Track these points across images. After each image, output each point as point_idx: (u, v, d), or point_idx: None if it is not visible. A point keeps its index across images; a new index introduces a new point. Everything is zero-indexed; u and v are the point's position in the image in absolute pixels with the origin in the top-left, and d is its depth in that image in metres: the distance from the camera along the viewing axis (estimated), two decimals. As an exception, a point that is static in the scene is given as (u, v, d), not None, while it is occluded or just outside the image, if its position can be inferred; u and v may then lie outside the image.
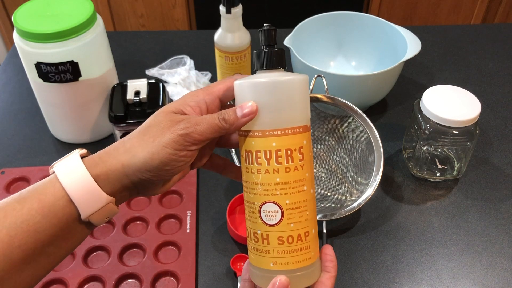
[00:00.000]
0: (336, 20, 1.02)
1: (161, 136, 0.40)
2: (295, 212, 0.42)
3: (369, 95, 0.92)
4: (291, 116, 0.41)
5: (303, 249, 0.42)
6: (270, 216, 0.42)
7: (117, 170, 0.41)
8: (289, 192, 0.41)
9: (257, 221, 0.43)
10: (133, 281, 0.70)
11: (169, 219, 0.78)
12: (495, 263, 0.73)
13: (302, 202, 0.42)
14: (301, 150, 0.41)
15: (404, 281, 0.71)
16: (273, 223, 0.42)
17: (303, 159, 0.42)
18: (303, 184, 0.42)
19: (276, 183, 0.41)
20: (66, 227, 0.41)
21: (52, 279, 0.70)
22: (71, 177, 0.40)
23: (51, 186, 0.40)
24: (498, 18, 2.07)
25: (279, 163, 0.41)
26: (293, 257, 0.42)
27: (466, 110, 0.77)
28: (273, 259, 0.42)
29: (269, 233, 0.42)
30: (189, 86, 1.01)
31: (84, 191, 0.40)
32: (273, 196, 0.41)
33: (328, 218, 0.75)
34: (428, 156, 0.83)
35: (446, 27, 1.25)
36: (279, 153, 0.41)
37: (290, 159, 0.41)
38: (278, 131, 0.41)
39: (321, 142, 0.83)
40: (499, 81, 1.07)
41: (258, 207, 0.42)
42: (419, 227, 0.78)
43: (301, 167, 0.42)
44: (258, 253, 0.43)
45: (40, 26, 0.76)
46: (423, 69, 1.10)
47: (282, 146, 0.41)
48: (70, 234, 0.41)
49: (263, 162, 0.41)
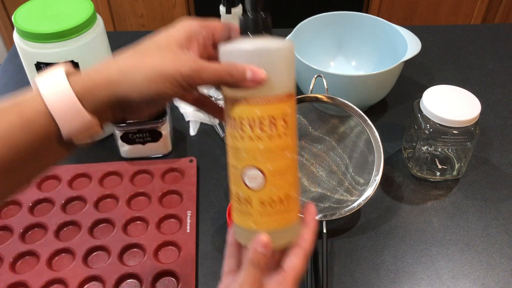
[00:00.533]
0: (336, 20, 1.02)
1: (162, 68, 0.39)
2: (277, 178, 0.43)
3: (369, 95, 0.92)
4: (275, 84, 0.41)
5: (284, 211, 0.44)
6: (253, 181, 0.43)
7: (105, 90, 0.39)
8: (272, 159, 0.42)
9: (240, 185, 0.44)
10: (133, 281, 0.70)
11: (169, 219, 0.78)
12: (495, 263, 0.73)
13: (284, 168, 0.43)
14: (286, 119, 0.42)
15: (404, 281, 0.71)
16: (256, 187, 0.43)
17: (287, 127, 0.42)
18: (286, 151, 0.43)
19: (260, 150, 0.42)
20: (46, 145, 0.39)
21: (52, 279, 0.70)
22: (53, 92, 0.38)
23: (32, 101, 0.38)
24: (498, 18, 2.07)
25: (262, 131, 0.41)
26: (275, 218, 0.44)
27: (466, 110, 0.77)
28: (255, 220, 0.44)
29: (251, 196, 0.43)
30: (189, 86, 1.01)
31: (66, 108, 0.38)
32: (256, 162, 0.42)
33: (328, 218, 0.75)
34: (428, 156, 0.83)
35: (446, 27, 1.26)
36: (263, 121, 0.41)
37: (274, 127, 0.41)
38: (263, 99, 0.41)
39: (321, 142, 0.83)
40: (499, 81, 1.07)
41: (241, 172, 0.43)
42: (419, 227, 0.78)
43: (284, 135, 0.42)
44: (241, 214, 0.45)
45: (40, 26, 0.76)
46: (423, 69, 1.11)
47: (266, 114, 0.41)
48: (50, 151, 0.40)
49: (247, 129, 0.41)
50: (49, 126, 0.38)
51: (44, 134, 0.38)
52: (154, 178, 0.84)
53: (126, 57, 0.41)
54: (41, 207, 0.81)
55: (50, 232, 0.76)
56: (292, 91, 0.43)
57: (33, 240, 0.75)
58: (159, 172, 0.85)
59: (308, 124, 0.83)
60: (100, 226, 0.78)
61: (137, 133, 0.84)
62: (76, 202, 0.81)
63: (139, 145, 0.86)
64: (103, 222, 0.78)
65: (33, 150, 0.38)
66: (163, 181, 0.84)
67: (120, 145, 0.87)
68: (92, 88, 0.39)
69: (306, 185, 0.81)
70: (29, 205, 0.79)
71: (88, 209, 0.79)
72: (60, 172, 0.85)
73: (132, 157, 0.88)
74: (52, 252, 0.73)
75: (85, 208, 0.79)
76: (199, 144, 0.93)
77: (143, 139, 0.86)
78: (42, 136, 0.38)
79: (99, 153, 0.90)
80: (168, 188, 0.82)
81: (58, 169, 0.85)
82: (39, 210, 0.80)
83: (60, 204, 0.80)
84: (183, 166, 0.86)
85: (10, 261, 0.72)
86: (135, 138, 0.85)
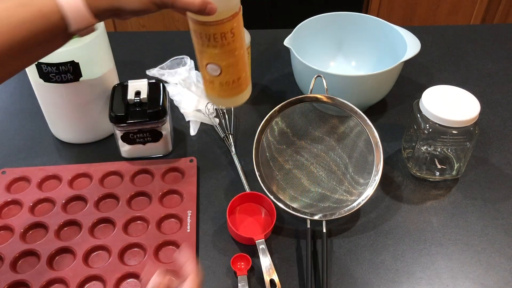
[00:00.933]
0: (336, 20, 1.02)
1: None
2: (229, 68, 0.61)
3: (369, 95, 0.92)
4: (223, 10, 0.56)
5: (236, 87, 0.64)
6: (213, 72, 0.61)
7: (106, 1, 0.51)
8: (224, 58, 0.60)
9: (205, 73, 0.63)
10: (134, 280, 0.71)
11: (169, 218, 0.79)
12: (494, 263, 0.74)
13: (234, 62, 0.61)
14: (232, 31, 0.58)
15: (403, 280, 0.72)
16: (216, 75, 0.62)
17: (233, 36, 0.58)
18: (234, 51, 0.60)
19: (215, 53, 0.59)
20: (54, 35, 0.51)
21: (52, 279, 0.70)
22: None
23: (49, 2, 0.49)
24: (497, 18, 2.08)
25: (216, 41, 0.58)
26: (231, 92, 0.65)
27: (466, 110, 0.77)
28: (218, 94, 0.65)
29: (213, 80, 0.63)
30: (189, 87, 1.01)
31: (75, 11, 0.50)
32: (214, 60, 0.60)
33: (328, 218, 0.75)
34: (427, 156, 0.83)
35: (445, 27, 1.26)
36: (215, 35, 0.58)
37: (224, 38, 0.58)
38: (215, 22, 0.56)
39: (321, 142, 0.84)
40: (498, 81, 1.07)
41: (205, 65, 0.62)
42: (418, 226, 0.79)
43: (232, 41, 0.59)
44: (209, 90, 0.65)
45: (41, 27, 0.76)
46: (423, 69, 1.11)
47: (218, 31, 0.57)
48: (54, 41, 0.52)
49: (205, 40, 0.58)
50: (59, 22, 0.50)
51: (54, 28, 0.50)
52: (155, 178, 0.84)
53: None
54: (42, 207, 0.81)
55: (50, 231, 0.76)
56: (236, 11, 0.58)
57: (33, 240, 0.76)
58: (159, 172, 0.85)
59: (308, 124, 0.83)
60: (100, 225, 0.78)
61: (138, 133, 0.84)
62: (76, 202, 0.82)
63: (139, 145, 0.86)
64: (103, 221, 0.78)
65: (44, 38, 0.50)
66: (163, 181, 0.84)
67: (121, 145, 0.87)
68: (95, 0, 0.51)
69: (306, 185, 0.81)
70: (29, 204, 0.80)
71: (89, 209, 0.79)
72: (61, 172, 0.85)
73: (133, 157, 0.89)
74: (52, 252, 0.73)
75: (86, 208, 0.80)
76: (199, 144, 0.93)
77: (143, 139, 0.86)
78: (53, 29, 0.50)
79: (99, 153, 0.91)
80: (168, 188, 0.83)
81: (58, 169, 0.86)
82: (40, 210, 0.80)
83: (61, 204, 0.80)
84: (183, 166, 0.86)
85: (11, 261, 0.72)
86: (136, 138, 0.85)
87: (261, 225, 0.78)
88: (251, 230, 0.77)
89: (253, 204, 0.80)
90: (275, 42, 1.06)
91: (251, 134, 0.93)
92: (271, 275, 0.70)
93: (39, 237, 0.76)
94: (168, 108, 0.86)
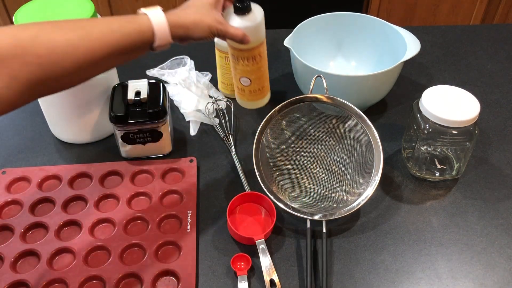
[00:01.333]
0: (336, 20, 1.02)
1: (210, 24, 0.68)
2: (257, 80, 0.80)
3: (369, 95, 0.92)
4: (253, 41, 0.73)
5: (260, 93, 0.82)
6: (245, 82, 0.80)
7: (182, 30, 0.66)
8: (253, 73, 0.78)
9: (239, 83, 0.80)
10: (134, 280, 0.71)
11: (169, 218, 0.79)
12: (494, 263, 0.74)
13: (260, 76, 0.80)
14: (260, 54, 0.77)
15: (403, 280, 0.72)
16: (247, 85, 0.80)
17: (261, 58, 0.77)
18: (260, 68, 0.79)
19: (247, 69, 0.78)
20: (144, 46, 0.65)
21: (53, 279, 0.70)
22: (158, 21, 0.63)
23: (146, 21, 0.63)
24: (497, 18, 2.08)
25: (248, 61, 0.77)
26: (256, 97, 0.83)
27: (465, 110, 0.77)
28: (247, 98, 0.83)
29: (244, 89, 0.81)
30: (189, 87, 1.01)
31: (162, 32, 0.64)
32: (246, 74, 0.78)
33: (328, 217, 0.75)
34: (427, 156, 0.83)
35: (445, 27, 1.26)
36: (247, 58, 0.76)
37: (253, 60, 0.77)
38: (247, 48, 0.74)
39: (321, 142, 0.84)
40: (498, 81, 1.08)
41: (239, 78, 0.79)
42: (418, 226, 0.79)
43: (259, 61, 0.78)
44: (240, 96, 0.83)
45: (41, 27, 0.77)
46: (423, 70, 1.11)
47: (249, 55, 0.76)
48: (142, 50, 0.65)
49: (240, 61, 0.77)
50: (150, 38, 0.64)
51: (146, 41, 0.64)
52: (155, 178, 0.84)
53: (191, 12, 0.68)
54: (42, 206, 0.81)
55: (51, 231, 0.76)
56: (262, 40, 0.76)
57: (34, 240, 0.76)
58: (160, 172, 0.85)
59: (308, 124, 0.83)
60: (100, 225, 0.78)
61: (138, 133, 0.85)
62: (76, 202, 0.82)
63: (139, 145, 0.87)
64: (103, 221, 0.78)
65: (136, 47, 0.63)
66: (164, 181, 0.84)
67: (121, 145, 0.87)
68: (175, 26, 0.65)
69: (306, 185, 0.81)
70: (29, 204, 0.80)
71: (89, 209, 0.79)
72: (61, 172, 0.85)
73: (133, 157, 0.89)
74: (53, 252, 0.73)
75: (86, 208, 0.80)
76: (199, 144, 0.93)
77: (143, 139, 0.86)
78: (145, 42, 0.64)
79: (99, 153, 0.91)
80: (168, 188, 0.83)
81: (58, 169, 0.86)
82: (40, 210, 0.80)
83: (61, 203, 0.80)
84: (183, 166, 0.86)
85: (11, 261, 0.72)
86: (136, 138, 0.85)
87: (261, 225, 0.78)
88: (251, 230, 0.77)
89: (253, 204, 0.80)
90: (275, 42, 1.06)
91: (251, 134, 0.93)
92: (271, 275, 0.70)
93: (39, 237, 0.76)
94: (168, 108, 0.86)
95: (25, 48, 0.53)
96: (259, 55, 0.77)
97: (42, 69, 0.54)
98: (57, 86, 0.58)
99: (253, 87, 0.80)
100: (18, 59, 0.52)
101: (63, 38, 0.56)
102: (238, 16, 0.72)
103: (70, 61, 0.56)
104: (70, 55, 0.56)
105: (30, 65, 0.53)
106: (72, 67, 0.57)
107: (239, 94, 0.83)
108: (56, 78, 0.56)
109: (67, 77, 0.57)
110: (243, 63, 0.77)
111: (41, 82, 0.54)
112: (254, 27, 0.73)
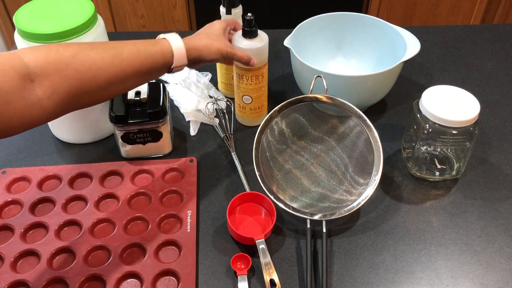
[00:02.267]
0: (336, 20, 1.02)
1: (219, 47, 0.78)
2: (258, 99, 0.90)
3: (369, 95, 0.92)
4: (259, 61, 0.85)
5: (259, 111, 0.93)
6: (247, 100, 0.90)
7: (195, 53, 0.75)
8: (255, 92, 0.89)
9: (241, 101, 0.91)
10: (134, 280, 0.71)
11: (169, 218, 0.79)
12: (494, 263, 0.74)
13: (261, 95, 0.90)
14: (262, 75, 0.87)
15: (403, 280, 0.72)
16: (248, 103, 0.91)
17: (262, 78, 0.88)
18: (262, 88, 0.89)
19: (250, 88, 0.88)
20: (162, 68, 0.72)
21: (53, 279, 0.70)
22: (177, 46, 0.72)
23: (167, 45, 0.72)
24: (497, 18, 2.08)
25: (252, 81, 0.87)
26: (256, 115, 0.94)
27: (465, 110, 0.77)
28: (247, 116, 0.93)
29: (245, 107, 0.92)
30: (189, 87, 1.01)
31: (180, 55, 0.73)
32: (248, 92, 0.89)
33: (328, 217, 0.75)
34: (427, 156, 0.83)
35: (445, 27, 1.26)
36: (251, 77, 0.86)
37: (256, 79, 0.87)
38: (252, 69, 0.85)
39: (320, 142, 0.84)
40: (498, 81, 1.08)
41: (241, 96, 0.90)
42: (418, 226, 0.79)
43: (261, 81, 0.88)
44: (240, 113, 0.94)
45: (41, 27, 0.77)
46: (423, 70, 1.11)
47: (253, 74, 0.86)
48: (159, 73, 0.73)
49: (244, 80, 0.87)
50: (170, 60, 0.72)
51: (166, 62, 0.72)
52: (155, 178, 0.84)
53: (202, 38, 0.78)
54: (42, 206, 0.81)
55: (51, 231, 0.76)
56: (265, 62, 0.87)
57: (34, 240, 0.76)
58: (160, 172, 0.85)
59: (308, 124, 0.83)
60: (100, 225, 0.78)
61: (138, 133, 0.85)
62: (76, 202, 0.82)
63: (139, 145, 0.87)
64: (103, 221, 0.78)
65: (157, 68, 0.71)
66: (164, 181, 0.84)
67: (121, 145, 0.87)
68: (190, 49, 0.74)
69: (306, 185, 0.81)
70: (30, 204, 0.80)
71: (89, 209, 0.80)
72: (61, 172, 0.85)
73: (133, 157, 0.89)
74: (53, 252, 0.73)
75: (86, 208, 0.80)
76: (199, 144, 0.93)
77: (143, 139, 0.86)
78: (165, 63, 0.72)
79: (99, 153, 0.91)
80: (168, 188, 0.83)
81: (58, 169, 0.86)
82: (40, 210, 0.80)
83: (61, 203, 0.80)
84: (183, 166, 0.86)
85: (11, 261, 0.72)
86: (136, 138, 0.85)
87: (261, 225, 0.78)
88: (251, 230, 0.77)
89: (253, 204, 0.81)
90: (275, 42, 1.06)
91: (251, 134, 0.93)
92: (271, 275, 0.70)
93: (39, 237, 0.76)
94: (168, 108, 0.86)
95: (67, 64, 0.60)
96: (262, 75, 0.87)
97: (80, 83, 0.61)
98: (89, 100, 0.64)
99: (253, 105, 0.91)
100: (60, 73, 0.59)
101: (99, 56, 0.63)
102: (246, 39, 0.83)
103: (104, 76, 0.63)
104: (104, 71, 0.63)
105: (70, 79, 0.60)
106: (105, 82, 0.64)
107: (239, 112, 0.94)
108: (90, 92, 0.63)
109: (99, 91, 0.64)
110: (247, 82, 0.86)
111: (77, 96, 0.61)
112: (259, 49, 0.84)
